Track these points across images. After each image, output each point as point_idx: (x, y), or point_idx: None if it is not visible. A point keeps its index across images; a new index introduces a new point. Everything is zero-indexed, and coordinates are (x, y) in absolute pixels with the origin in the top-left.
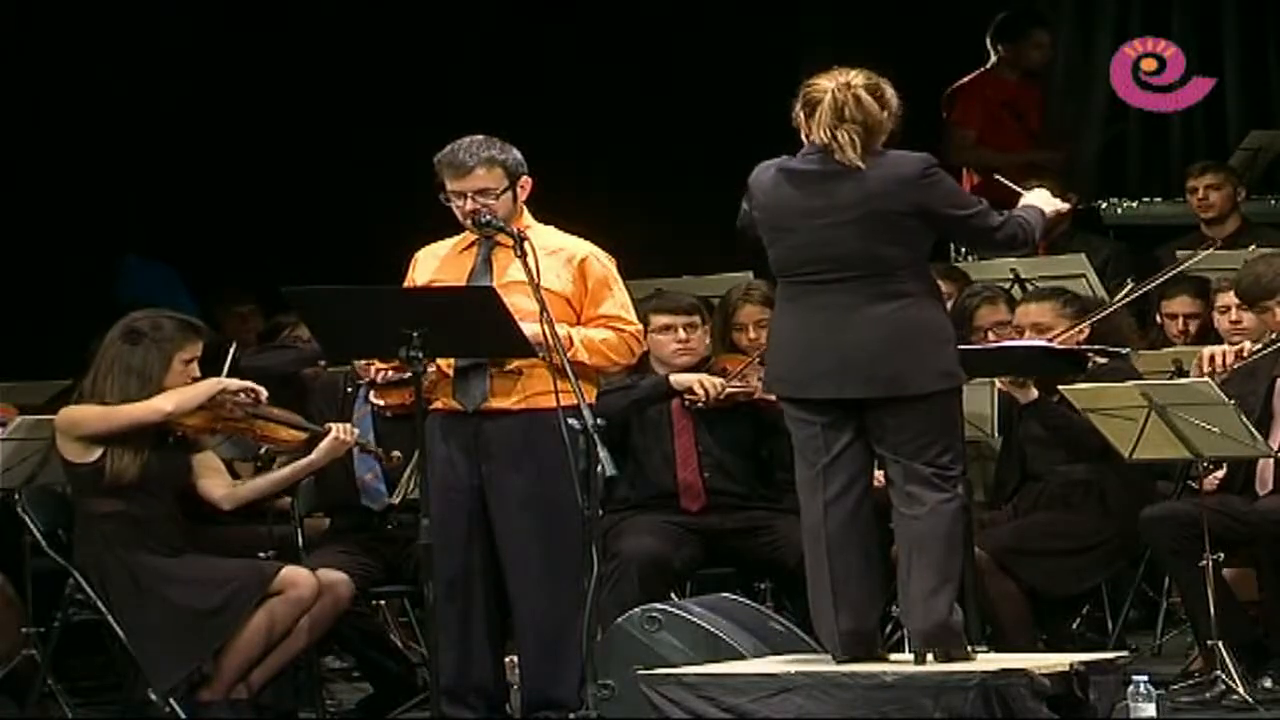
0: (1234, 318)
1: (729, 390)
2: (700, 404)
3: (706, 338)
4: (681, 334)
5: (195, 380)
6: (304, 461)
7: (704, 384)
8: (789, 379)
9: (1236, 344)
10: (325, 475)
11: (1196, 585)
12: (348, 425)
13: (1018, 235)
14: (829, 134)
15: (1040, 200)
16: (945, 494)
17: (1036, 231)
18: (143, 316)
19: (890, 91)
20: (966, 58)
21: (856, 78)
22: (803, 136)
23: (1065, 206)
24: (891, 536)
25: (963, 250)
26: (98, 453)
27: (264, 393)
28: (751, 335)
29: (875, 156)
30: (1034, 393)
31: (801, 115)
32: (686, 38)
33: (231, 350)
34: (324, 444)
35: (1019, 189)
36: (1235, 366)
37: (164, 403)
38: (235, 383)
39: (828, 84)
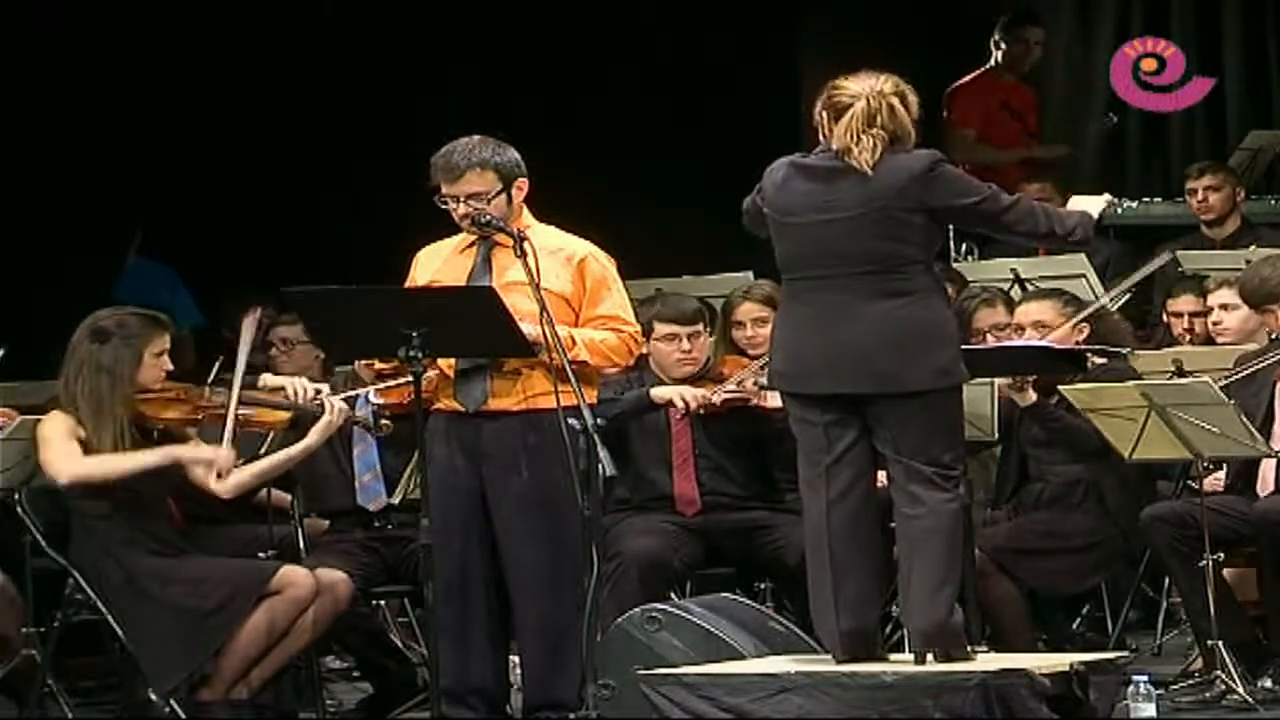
0: (1215, 318)
1: (726, 397)
2: (681, 416)
3: (709, 343)
4: (685, 344)
5: (167, 373)
6: (300, 446)
7: (684, 397)
8: (789, 374)
9: (1223, 343)
10: (325, 476)
11: (1196, 585)
12: (334, 402)
13: (1036, 219)
14: (854, 139)
15: (1085, 204)
16: (946, 494)
17: (1070, 224)
18: (107, 315)
19: (913, 97)
20: (967, 58)
21: (886, 84)
22: (821, 136)
23: (1107, 197)
24: (892, 536)
25: (962, 250)
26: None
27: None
28: (749, 332)
29: (884, 156)
30: (1032, 395)
31: (824, 116)
32: (687, 37)
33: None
34: (319, 425)
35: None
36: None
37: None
38: (188, 454)
39: (859, 89)
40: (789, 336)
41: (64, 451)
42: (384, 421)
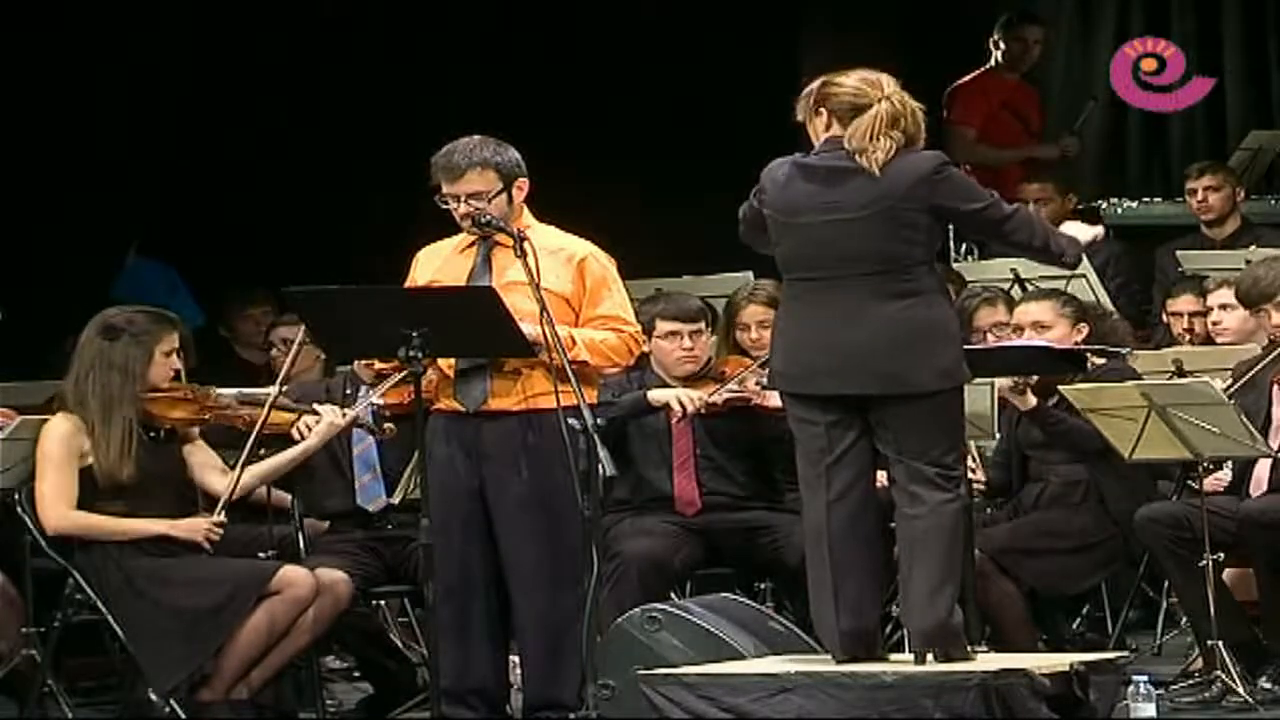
0: (1215, 318)
1: (726, 397)
2: (679, 420)
3: (710, 342)
4: (687, 342)
5: (175, 371)
6: (300, 447)
7: (681, 400)
8: (791, 375)
9: (1223, 343)
10: (325, 476)
11: (1191, 585)
12: (333, 407)
13: (1033, 232)
14: (872, 139)
15: (1077, 231)
16: (947, 494)
17: (1062, 244)
18: (116, 313)
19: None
20: (967, 57)
21: (892, 85)
22: (812, 134)
23: (1098, 230)
24: (892, 536)
25: (962, 250)
26: (86, 461)
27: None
28: (754, 335)
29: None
30: (1032, 400)
31: (822, 113)
32: (687, 37)
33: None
34: (319, 428)
35: None
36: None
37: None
38: (180, 533)
39: (872, 91)
40: (790, 337)
41: (60, 489)
42: (387, 425)
